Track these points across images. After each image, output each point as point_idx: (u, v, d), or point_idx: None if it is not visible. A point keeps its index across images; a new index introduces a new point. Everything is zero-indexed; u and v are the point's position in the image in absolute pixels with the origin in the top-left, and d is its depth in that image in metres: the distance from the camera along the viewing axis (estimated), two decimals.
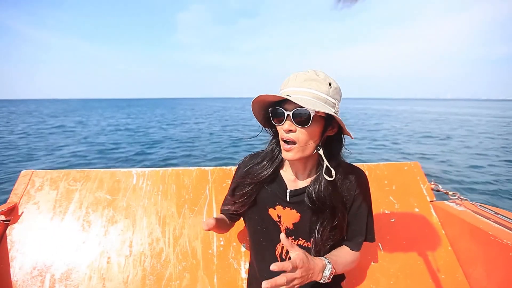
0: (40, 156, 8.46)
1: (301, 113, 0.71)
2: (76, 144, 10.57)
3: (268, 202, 0.88)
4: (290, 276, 0.66)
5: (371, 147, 9.96)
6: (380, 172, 1.40)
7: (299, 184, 0.85)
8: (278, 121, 0.75)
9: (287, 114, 0.72)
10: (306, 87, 0.71)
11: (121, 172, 1.32)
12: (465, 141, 11.25)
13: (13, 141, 11.16)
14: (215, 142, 11.18)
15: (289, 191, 0.85)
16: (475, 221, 1.10)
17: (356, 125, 17.96)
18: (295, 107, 0.71)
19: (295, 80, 0.73)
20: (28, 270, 1.06)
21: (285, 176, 0.87)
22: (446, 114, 30.45)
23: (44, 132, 14.05)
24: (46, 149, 9.47)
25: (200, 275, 1.10)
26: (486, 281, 1.03)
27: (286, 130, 0.73)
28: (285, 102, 0.72)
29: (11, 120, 21.33)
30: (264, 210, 0.88)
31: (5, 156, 8.32)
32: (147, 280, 1.07)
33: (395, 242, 1.21)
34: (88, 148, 9.68)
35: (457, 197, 1.30)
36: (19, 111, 37.16)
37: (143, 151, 9.36)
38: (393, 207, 1.30)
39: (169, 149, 9.68)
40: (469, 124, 19.21)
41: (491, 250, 1.01)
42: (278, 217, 0.87)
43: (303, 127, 0.72)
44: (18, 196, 1.21)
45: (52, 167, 7.56)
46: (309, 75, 0.72)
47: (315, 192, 0.79)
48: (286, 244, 0.71)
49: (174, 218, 1.22)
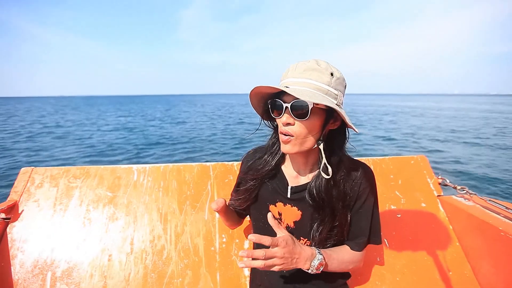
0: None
1: (299, 106, 0.67)
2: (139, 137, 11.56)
3: (269, 198, 0.85)
4: (269, 252, 0.65)
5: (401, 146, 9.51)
6: (386, 167, 1.37)
7: (300, 181, 0.82)
8: (277, 114, 0.72)
9: (286, 106, 0.68)
10: (306, 77, 0.67)
11: (122, 168, 1.30)
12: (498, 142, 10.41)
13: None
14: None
15: (290, 188, 0.82)
16: (484, 216, 1.07)
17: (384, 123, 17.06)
18: (293, 99, 0.67)
19: (294, 70, 0.69)
20: (29, 268, 1.05)
21: (286, 172, 0.84)
22: (466, 111, 28.89)
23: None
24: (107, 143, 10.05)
25: (203, 272, 1.09)
26: (495, 277, 1.00)
27: (284, 123, 0.70)
28: (284, 94, 0.69)
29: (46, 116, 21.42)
30: (265, 207, 0.86)
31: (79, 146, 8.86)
32: (148, 277, 1.06)
33: (401, 238, 1.19)
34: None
35: (466, 191, 1.27)
36: (66, 107, 37.57)
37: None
38: (399, 202, 1.27)
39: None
40: (494, 121, 18.11)
41: (500, 246, 0.98)
42: (279, 214, 0.84)
43: (301, 120, 0.68)
44: (18, 193, 1.19)
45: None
46: (309, 64, 0.68)
47: (316, 189, 0.76)
48: (273, 224, 0.70)
49: (176, 215, 1.20)
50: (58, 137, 11.98)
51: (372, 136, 11.44)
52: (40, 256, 1.07)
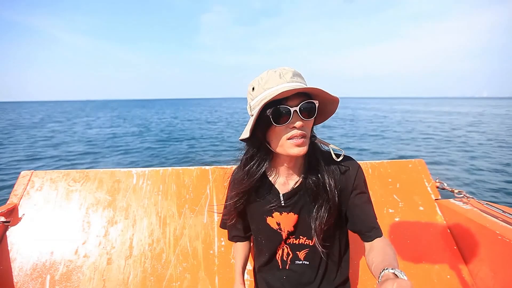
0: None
1: (309, 106, 0.71)
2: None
3: (264, 212, 0.84)
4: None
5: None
6: (384, 170, 1.37)
7: (290, 186, 0.82)
8: (282, 121, 0.70)
9: (294, 110, 0.69)
10: (296, 81, 0.71)
11: (121, 172, 1.31)
12: None
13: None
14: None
15: (282, 195, 0.82)
16: (482, 220, 1.08)
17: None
18: (300, 101, 0.69)
19: (280, 77, 0.70)
20: (28, 271, 1.05)
21: (274, 181, 0.84)
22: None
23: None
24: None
25: (201, 276, 1.09)
26: (492, 281, 1.01)
27: (300, 126, 0.70)
28: (287, 100, 0.69)
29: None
30: (262, 221, 0.85)
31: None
32: (147, 281, 1.06)
33: (399, 241, 1.19)
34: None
35: (463, 195, 1.27)
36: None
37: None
38: (397, 205, 1.28)
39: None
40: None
41: (498, 249, 0.98)
42: (278, 224, 0.84)
43: (309, 119, 0.72)
44: (18, 197, 1.20)
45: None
46: (291, 71, 0.72)
47: (315, 182, 0.78)
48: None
49: (175, 218, 1.20)
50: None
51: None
52: (39, 259, 1.08)
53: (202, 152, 9.40)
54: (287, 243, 0.85)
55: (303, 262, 0.84)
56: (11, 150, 9.67)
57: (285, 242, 0.85)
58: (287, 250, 0.85)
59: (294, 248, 0.84)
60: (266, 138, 0.76)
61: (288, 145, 0.72)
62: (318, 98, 0.73)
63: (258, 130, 0.74)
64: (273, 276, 0.88)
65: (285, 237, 0.84)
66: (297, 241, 0.84)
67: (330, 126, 16.73)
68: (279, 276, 0.87)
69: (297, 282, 0.85)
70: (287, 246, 0.85)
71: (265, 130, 0.74)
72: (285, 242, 0.85)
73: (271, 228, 0.84)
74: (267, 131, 0.74)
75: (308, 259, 0.84)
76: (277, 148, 0.74)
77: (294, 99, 0.69)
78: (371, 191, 1.29)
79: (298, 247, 0.84)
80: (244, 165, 0.83)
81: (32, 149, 9.73)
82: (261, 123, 0.72)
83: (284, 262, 0.86)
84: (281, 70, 0.72)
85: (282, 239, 0.84)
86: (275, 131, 0.72)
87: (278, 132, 0.72)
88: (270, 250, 0.87)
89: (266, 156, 0.80)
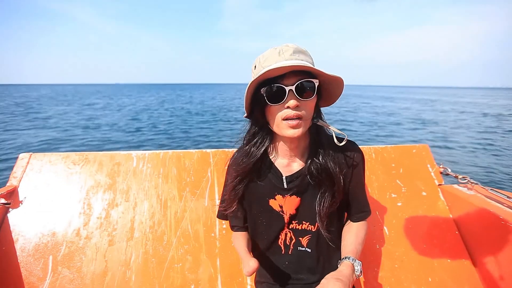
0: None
1: (306, 85, 0.66)
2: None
3: (267, 194, 0.82)
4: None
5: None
6: (388, 155, 1.35)
7: (293, 168, 0.80)
8: (277, 101, 0.67)
9: (289, 89, 0.65)
10: (296, 59, 0.66)
11: (121, 154, 1.29)
12: None
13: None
14: None
15: (285, 178, 0.80)
16: (485, 205, 1.07)
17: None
18: (296, 80, 0.65)
19: (279, 55, 0.66)
20: (30, 252, 1.05)
21: (276, 163, 0.82)
22: None
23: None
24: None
25: (203, 258, 1.10)
26: (493, 265, 1.01)
27: (293, 106, 0.66)
28: (283, 78, 0.66)
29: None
30: (265, 203, 0.83)
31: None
32: (149, 262, 1.07)
33: (401, 226, 1.19)
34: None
35: (467, 180, 1.26)
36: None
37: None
38: (400, 190, 1.27)
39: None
40: None
41: (499, 234, 0.98)
42: (280, 207, 0.82)
43: (307, 100, 0.67)
44: (17, 179, 1.19)
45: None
46: (293, 47, 0.67)
47: (319, 166, 0.76)
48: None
49: (176, 201, 1.20)
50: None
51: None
52: (41, 240, 1.08)
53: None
54: (290, 228, 0.83)
55: (306, 249, 0.83)
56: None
57: (288, 227, 0.83)
58: (290, 234, 0.84)
59: (296, 234, 0.83)
60: (266, 117, 0.74)
61: (283, 125, 0.69)
62: (320, 78, 0.69)
63: (257, 109, 0.73)
64: (276, 261, 0.87)
65: (287, 221, 0.82)
66: (299, 226, 0.82)
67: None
68: (281, 261, 0.86)
69: (300, 268, 0.85)
70: (290, 231, 0.83)
71: (262, 110, 0.73)
72: (288, 227, 0.83)
73: (274, 210, 0.83)
74: (265, 111, 0.73)
75: (310, 246, 0.83)
76: (273, 128, 0.73)
77: (291, 78, 0.65)
78: (374, 176, 1.28)
79: (301, 232, 0.83)
80: (245, 144, 0.82)
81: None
82: (257, 102, 0.71)
83: (287, 246, 0.85)
84: (282, 47, 0.68)
85: (284, 223, 0.82)
86: (271, 110, 0.70)
87: (273, 112, 0.70)
88: (271, 234, 0.85)
89: (267, 135, 0.78)
